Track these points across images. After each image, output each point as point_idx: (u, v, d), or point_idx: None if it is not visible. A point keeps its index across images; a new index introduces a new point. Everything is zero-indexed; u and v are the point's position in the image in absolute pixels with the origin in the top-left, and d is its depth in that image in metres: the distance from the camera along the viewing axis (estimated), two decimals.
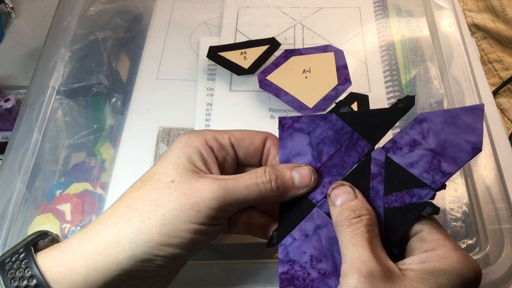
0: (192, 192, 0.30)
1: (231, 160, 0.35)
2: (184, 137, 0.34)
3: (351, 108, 0.36)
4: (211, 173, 0.33)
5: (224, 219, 0.32)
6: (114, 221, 0.30)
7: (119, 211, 0.31)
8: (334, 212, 0.31)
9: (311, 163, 0.35)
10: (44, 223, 0.44)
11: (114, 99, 0.52)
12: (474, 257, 0.40)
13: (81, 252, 0.29)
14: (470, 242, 0.41)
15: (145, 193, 0.31)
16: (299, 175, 0.33)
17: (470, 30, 0.68)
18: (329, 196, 0.32)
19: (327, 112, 0.36)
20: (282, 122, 0.36)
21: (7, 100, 0.58)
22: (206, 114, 0.50)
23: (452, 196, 0.44)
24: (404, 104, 0.34)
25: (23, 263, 0.29)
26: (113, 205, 0.32)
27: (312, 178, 0.33)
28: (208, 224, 0.30)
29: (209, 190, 0.30)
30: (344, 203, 0.31)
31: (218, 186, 0.30)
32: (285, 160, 0.35)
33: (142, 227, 0.29)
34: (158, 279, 0.32)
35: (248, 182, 0.31)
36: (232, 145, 0.35)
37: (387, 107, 0.35)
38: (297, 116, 0.36)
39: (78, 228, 0.43)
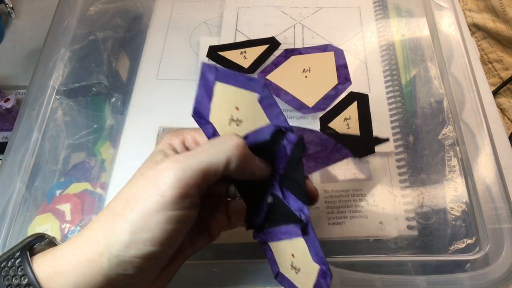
0: (154, 177, 0.29)
1: None
2: (165, 136, 0.34)
3: (336, 131, 0.40)
4: None
5: (196, 200, 0.30)
6: (97, 225, 0.30)
7: (103, 213, 0.30)
8: None
9: None
10: (44, 223, 0.44)
11: (114, 99, 0.52)
12: (474, 257, 0.40)
13: (69, 259, 0.29)
14: (470, 241, 0.41)
15: (121, 192, 0.31)
16: (257, 160, 0.32)
17: (470, 30, 0.68)
18: None
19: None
20: None
21: (7, 100, 0.58)
22: None
23: (452, 196, 0.44)
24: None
25: (19, 270, 0.28)
26: (105, 213, 0.31)
27: (269, 169, 0.33)
28: (177, 209, 0.29)
29: (167, 167, 0.29)
30: None
31: (176, 160, 0.29)
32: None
33: (117, 227, 0.29)
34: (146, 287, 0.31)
35: (215, 143, 0.30)
36: None
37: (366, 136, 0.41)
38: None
39: (78, 228, 0.43)
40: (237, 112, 0.31)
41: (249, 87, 0.30)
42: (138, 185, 0.29)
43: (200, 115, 0.33)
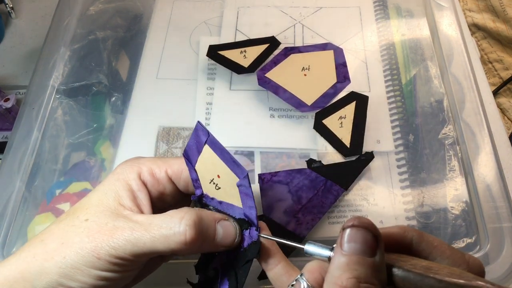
0: (96, 236, 0.28)
1: (171, 192, 0.33)
2: (119, 168, 0.32)
3: (321, 163, 0.44)
4: (141, 210, 0.31)
5: (132, 267, 0.30)
6: (25, 254, 0.29)
7: (33, 244, 0.30)
8: (338, 259, 0.24)
9: (291, 206, 0.40)
10: (43, 222, 0.44)
11: (114, 98, 0.52)
12: (474, 256, 0.40)
13: None
14: (470, 240, 0.41)
15: (60, 228, 0.30)
16: (224, 231, 0.30)
17: (470, 30, 0.68)
18: (343, 230, 0.25)
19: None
20: (261, 177, 0.42)
21: (7, 100, 0.58)
22: (206, 113, 0.50)
23: (452, 195, 0.44)
24: (366, 157, 0.45)
25: None
26: (38, 234, 0.31)
27: (236, 240, 0.30)
28: (112, 271, 0.28)
29: (111, 238, 0.28)
30: (356, 258, 0.24)
31: (121, 234, 0.28)
32: (268, 206, 0.40)
33: (45, 266, 0.28)
34: None
35: (156, 233, 0.28)
36: (170, 178, 0.33)
37: (352, 160, 0.45)
38: (275, 172, 0.42)
39: None
40: (218, 179, 0.31)
41: (233, 169, 0.30)
42: (78, 236, 0.28)
43: (189, 158, 0.32)
